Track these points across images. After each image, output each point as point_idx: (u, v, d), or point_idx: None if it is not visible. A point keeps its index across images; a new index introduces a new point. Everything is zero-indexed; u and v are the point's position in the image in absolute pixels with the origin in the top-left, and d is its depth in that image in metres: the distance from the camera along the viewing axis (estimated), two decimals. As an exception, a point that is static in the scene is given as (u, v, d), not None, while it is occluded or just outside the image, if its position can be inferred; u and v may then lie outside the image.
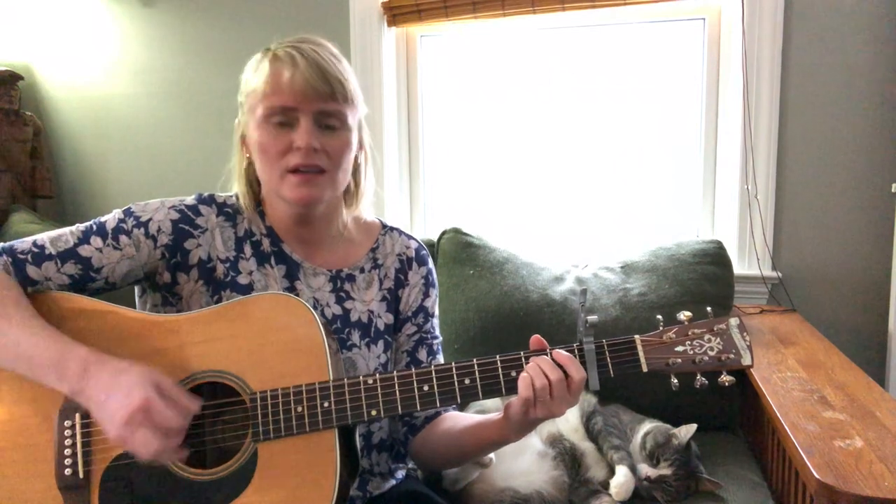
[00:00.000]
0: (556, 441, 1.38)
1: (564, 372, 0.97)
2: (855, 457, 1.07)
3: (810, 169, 1.96)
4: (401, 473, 1.26)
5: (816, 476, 1.02)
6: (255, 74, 1.09)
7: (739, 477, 1.41)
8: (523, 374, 0.98)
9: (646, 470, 1.34)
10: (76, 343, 0.96)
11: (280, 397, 0.98)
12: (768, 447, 1.44)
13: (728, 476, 1.41)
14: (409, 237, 1.27)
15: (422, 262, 1.26)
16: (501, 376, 0.99)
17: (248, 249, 1.15)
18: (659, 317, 1.04)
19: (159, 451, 0.90)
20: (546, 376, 0.96)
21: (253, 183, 1.16)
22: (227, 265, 1.13)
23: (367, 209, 1.22)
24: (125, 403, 0.89)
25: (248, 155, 1.13)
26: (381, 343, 1.19)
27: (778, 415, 1.24)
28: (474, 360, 1.00)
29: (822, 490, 1.01)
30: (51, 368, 0.94)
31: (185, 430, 0.92)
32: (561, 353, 0.99)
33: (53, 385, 0.95)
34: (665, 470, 1.33)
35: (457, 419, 1.19)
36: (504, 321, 1.69)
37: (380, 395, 0.99)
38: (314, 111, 1.06)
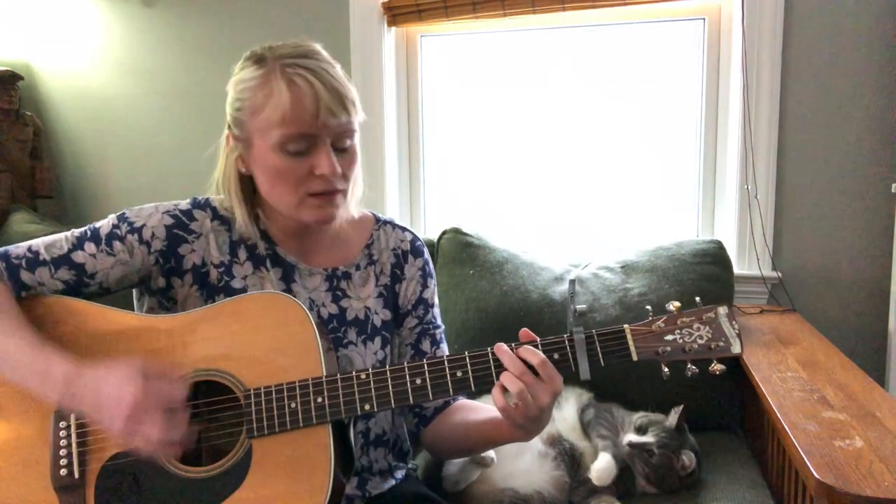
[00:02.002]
0: (555, 441, 1.38)
1: (527, 363, 0.97)
2: (855, 457, 1.07)
3: (810, 169, 1.95)
4: (400, 473, 1.26)
5: (816, 476, 1.02)
6: (263, 97, 1.02)
7: (739, 477, 1.41)
8: (495, 387, 0.97)
9: (629, 437, 1.35)
10: (61, 355, 0.96)
11: (273, 393, 0.98)
12: (768, 447, 1.43)
13: (728, 476, 1.41)
14: (404, 229, 1.27)
15: (417, 253, 1.25)
16: (493, 368, 0.99)
17: (242, 253, 1.15)
18: (648, 307, 1.04)
19: (167, 432, 0.89)
20: (517, 379, 0.96)
21: (248, 194, 1.13)
22: (221, 270, 1.13)
23: (355, 208, 1.22)
24: (120, 397, 0.90)
25: (243, 169, 1.10)
26: (377, 339, 1.19)
27: (778, 415, 1.24)
28: (466, 352, 1.00)
29: (822, 490, 1.00)
30: (36, 378, 0.95)
31: (184, 402, 0.92)
32: (526, 349, 0.98)
33: (43, 395, 0.96)
34: (648, 438, 1.33)
35: (466, 411, 1.19)
36: (504, 321, 1.69)
37: (373, 390, 0.99)
38: (332, 135, 1.04)
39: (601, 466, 1.30)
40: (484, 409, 1.17)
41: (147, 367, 0.93)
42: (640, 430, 1.37)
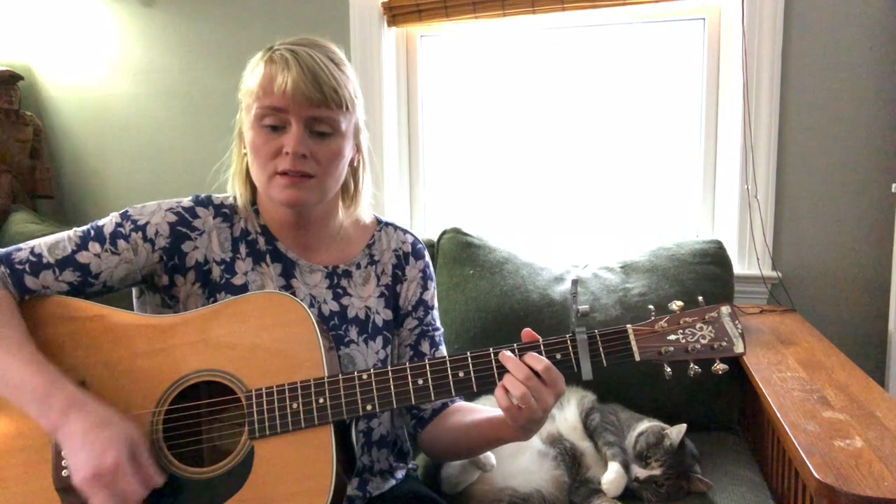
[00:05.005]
0: (555, 441, 1.38)
1: (531, 369, 0.97)
2: (855, 457, 1.07)
3: (810, 169, 1.95)
4: (401, 473, 1.26)
5: (816, 476, 1.02)
6: (251, 74, 1.09)
7: (739, 477, 1.41)
8: (498, 387, 0.97)
9: (635, 471, 1.34)
10: (64, 379, 0.95)
11: (275, 394, 0.98)
12: (768, 447, 1.44)
13: (728, 476, 1.41)
14: (405, 231, 1.27)
15: (418, 255, 1.26)
16: (495, 369, 0.99)
17: (243, 249, 1.15)
18: (651, 307, 1.04)
19: None
20: (521, 384, 0.96)
21: (249, 180, 1.16)
22: (223, 267, 1.13)
23: (365, 211, 1.22)
24: (96, 460, 0.89)
25: (245, 152, 1.13)
26: (379, 339, 1.19)
27: (778, 415, 1.24)
28: (468, 353, 1.00)
29: (822, 490, 1.00)
30: (34, 401, 0.94)
31: (142, 500, 0.92)
32: (530, 356, 0.98)
33: (35, 417, 0.95)
34: (655, 471, 1.33)
35: (464, 413, 1.19)
36: (504, 321, 1.69)
37: (374, 390, 0.99)
38: (305, 116, 1.05)
39: (611, 478, 1.30)
40: (482, 410, 1.17)
41: (137, 447, 0.92)
42: (641, 457, 1.35)
